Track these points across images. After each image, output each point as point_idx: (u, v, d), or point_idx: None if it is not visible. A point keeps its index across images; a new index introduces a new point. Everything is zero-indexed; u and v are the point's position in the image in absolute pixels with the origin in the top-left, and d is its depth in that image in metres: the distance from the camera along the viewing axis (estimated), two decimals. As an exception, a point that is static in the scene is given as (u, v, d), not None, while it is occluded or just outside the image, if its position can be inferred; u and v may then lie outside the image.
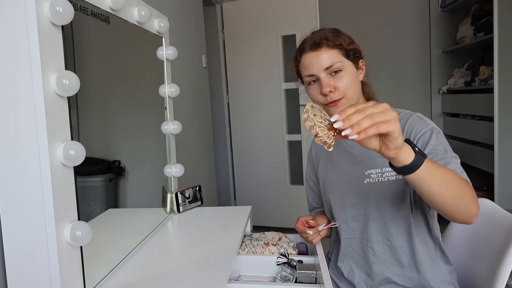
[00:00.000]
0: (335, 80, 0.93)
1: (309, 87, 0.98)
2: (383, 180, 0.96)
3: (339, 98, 0.93)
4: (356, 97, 0.96)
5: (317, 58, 0.94)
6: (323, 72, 0.93)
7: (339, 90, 0.93)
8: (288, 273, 0.96)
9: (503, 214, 0.98)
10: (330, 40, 0.94)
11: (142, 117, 1.24)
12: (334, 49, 0.94)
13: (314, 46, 0.95)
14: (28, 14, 0.63)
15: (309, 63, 0.95)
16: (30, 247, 0.68)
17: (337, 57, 0.94)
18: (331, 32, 0.97)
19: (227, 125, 3.27)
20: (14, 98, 0.66)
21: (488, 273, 0.91)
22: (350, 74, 0.94)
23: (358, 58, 0.98)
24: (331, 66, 0.93)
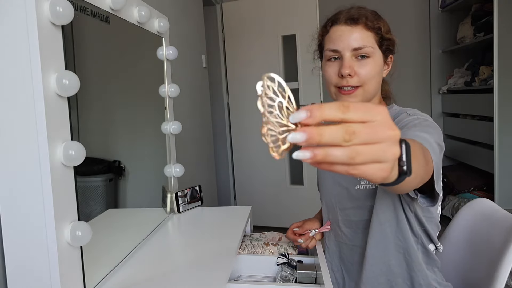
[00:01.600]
0: (359, 64, 0.84)
1: (327, 63, 0.89)
2: (371, 187, 0.90)
3: (357, 86, 0.85)
4: (374, 92, 0.89)
5: (349, 35, 0.84)
6: (349, 52, 0.84)
7: (359, 77, 0.84)
8: (288, 273, 0.96)
9: (503, 214, 0.98)
10: (370, 20, 0.85)
11: (142, 117, 1.24)
12: (370, 32, 0.85)
13: (350, 20, 0.85)
14: (28, 14, 0.63)
15: (338, 37, 0.86)
16: (30, 247, 0.68)
17: (370, 42, 0.85)
18: (372, 13, 0.87)
19: (227, 125, 3.27)
20: (14, 98, 0.66)
21: (488, 273, 0.91)
22: (376, 64, 0.86)
23: (390, 52, 0.90)
24: (361, 48, 0.84)
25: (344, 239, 0.99)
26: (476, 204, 1.07)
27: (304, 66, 2.92)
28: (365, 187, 0.91)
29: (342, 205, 0.97)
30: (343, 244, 0.99)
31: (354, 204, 0.94)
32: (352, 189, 0.93)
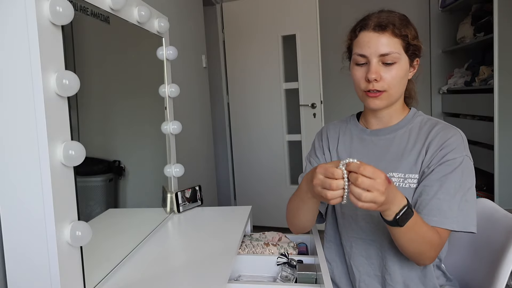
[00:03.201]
0: (385, 70, 0.88)
1: (355, 67, 0.93)
2: (404, 186, 0.91)
3: (382, 91, 0.89)
4: (398, 95, 0.93)
5: (377, 41, 0.88)
6: (377, 58, 0.88)
7: (385, 81, 0.88)
8: (288, 273, 0.96)
9: (503, 214, 0.98)
10: (397, 28, 0.88)
11: (142, 117, 1.24)
12: (397, 38, 0.88)
13: (378, 27, 0.88)
14: (28, 14, 0.63)
15: (366, 43, 0.89)
16: (30, 247, 0.68)
17: (397, 48, 0.88)
18: (400, 18, 0.91)
19: (227, 125, 3.27)
20: (14, 98, 0.66)
21: (488, 273, 0.91)
22: (402, 69, 0.90)
23: (416, 56, 0.93)
24: (388, 54, 0.87)
25: (360, 234, 0.98)
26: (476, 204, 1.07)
27: (304, 66, 2.92)
28: (397, 184, 0.92)
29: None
30: (358, 239, 0.98)
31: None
32: None
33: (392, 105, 0.95)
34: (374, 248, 0.97)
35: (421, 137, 0.93)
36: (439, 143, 0.90)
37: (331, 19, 3.16)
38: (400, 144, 0.95)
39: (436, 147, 0.90)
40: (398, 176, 0.92)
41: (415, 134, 0.95)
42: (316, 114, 2.95)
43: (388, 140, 0.97)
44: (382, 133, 0.98)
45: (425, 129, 0.95)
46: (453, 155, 0.88)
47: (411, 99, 1.04)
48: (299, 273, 0.94)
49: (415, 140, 0.94)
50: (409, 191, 0.91)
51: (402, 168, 0.92)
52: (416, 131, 0.95)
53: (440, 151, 0.89)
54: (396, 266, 0.94)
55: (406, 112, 0.99)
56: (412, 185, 0.91)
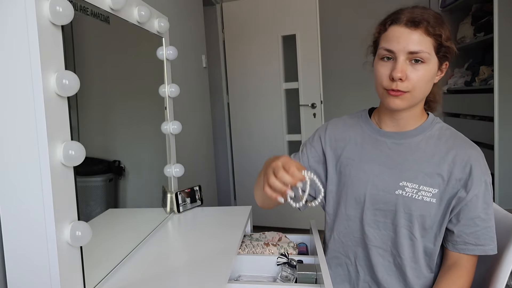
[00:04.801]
0: (411, 69, 0.83)
1: (379, 62, 0.87)
2: (417, 197, 0.88)
3: (405, 91, 0.84)
4: (421, 98, 0.88)
5: (408, 37, 0.82)
6: (404, 55, 0.82)
7: (410, 82, 0.83)
8: (288, 273, 0.96)
9: (503, 214, 0.98)
10: (431, 26, 0.82)
11: (142, 117, 1.24)
12: (429, 37, 0.82)
13: (411, 23, 0.82)
14: (28, 14, 0.63)
15: (396, 37, 0.83)
16: (30, 247, 0.68)
17: (428, 47, 0.82)
18: (435, 17, 0.84)
19: (227, 125, 3.27)
20: (14, 98, 0.66)
21: (488, 273, 0.91)
22: (430, 71, 0.84)
23: (446, 59, 0.87)
24: (417, 52, 0.81)
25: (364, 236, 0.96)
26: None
27: (304, 66, 2.92)
28: (410, 195, 0.89)
29: (374, 205, 0.93)
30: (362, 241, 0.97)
31: (388, 207, 0.92)
32: (391, 192, 0.91)
33: (412, 108, 0.89)
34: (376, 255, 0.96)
35: (441, 149, 0.89)
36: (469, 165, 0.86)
37: (331, 19, 3.16)
38: (417, 152, 0.91)
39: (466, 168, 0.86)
40: (411, 187, 0.89)
41: (433, 144, 0.90)
42: (316, 114, 2.95)
43: (404, 146, 0.92)
44: (398, 137, 0.93)
45: (444, 139, 0.91)
46: (485, 176, 0.86)
47: (435, 103, 0.98)
48: (299, 273, 0.94)
49: (433, 151, 0.90)
50: (421, 203, 0.88)
51: (417, 179, 0.89)
52: (434, 141, 0.91)
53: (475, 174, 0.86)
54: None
55: (424, 118, 0.94)
56: (426, 198, 0.88)
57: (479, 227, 0.86)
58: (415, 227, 0.90)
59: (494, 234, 0.87)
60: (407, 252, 0.92)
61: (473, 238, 0.86)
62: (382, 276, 0.94)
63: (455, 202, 0.87)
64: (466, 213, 0.86)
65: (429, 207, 0.88)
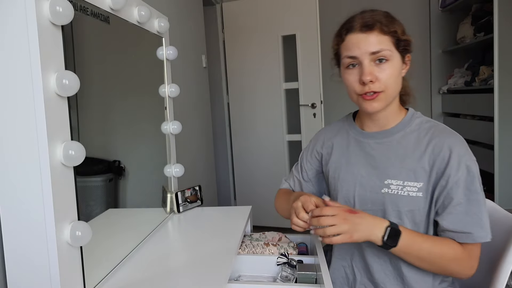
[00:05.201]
0: (378, 69, 0.85)
1: (346, 71, 0.89)
2: (402, 194, 0.89)
3: (379, 91, 0.86)
4: (395, 94, 0.90)
5: (366, 41, 0.85)
6: (368, 57, 0.85)
7: (380, 82, 0.85)
8: (288, 273, 0.96)
9: (503, 214, 0.98)
10: (384, 25, 0.85)
11: (142, 117, 1.24)
12: (386, 36, 0.85)
13: (365, 27, 0.85)
14: (28, 14, 0.63)
15: (354, 44, 0.86)
16: (30, 247, 0.68)
17: (387, 45, 0.85)
18: (385, 16, 0.88)
19: (227, 125, 3.27)
20: (14, 98, 0.66)
21: (488, 273, 0.91)
22: (395, 66, 0.87)
23: (407, 51, 0.90)
24: (379, 52, 0.84)
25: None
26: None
27: (304, 66, 2.92)
28: (396, 192, 0.90)
29: (363, 206, 0.94)
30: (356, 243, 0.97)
31: (376, 206, 0.93)
32: (377, 191, 0.92)
33: (388, 107, 0.92)
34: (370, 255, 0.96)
35: (422, 143, 0.90)
36: (447, 152, 0.86)
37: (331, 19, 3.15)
38: (399, 149, 0.92)
39: (445, 155, 0.87)
40: (396, 184, 0.90)
41: (414, 139, 0.92)
42: (316, 114, 2.96)
43: (385, 144, 0.94)
44: (380, 136, 0.95)
45: (424, 133, 0.91)
46: (466, 161, 0.86)
47: (408, 96, 1.00)
48: (299, 273, 0.94)
49: (414, 145, 0.91)
50: (407, 199, 0.89)
51: (401, 176, 0.90)
52: (415, 136, 0.92)
53: (453, 161, 0.85)
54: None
55: (403, 114, 0.96)
56: (412, 193, 0.88)
57: (463, 215, 0.84)
58: (406, 223, 0.90)
59: (483, 221, 0.84)
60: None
61: (460, 226, 0.84)
62: (379, 276, 0.94)
63: (438, 192, 0.87)
64: (448, 201, 0.86)
65: (416, 202, 0.89)
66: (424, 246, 0.84)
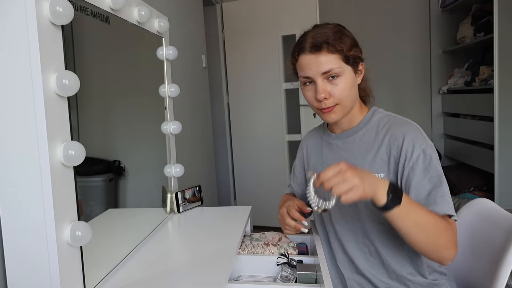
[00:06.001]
0: (331, 86, 0.91)
1: (304, 88, 0.96)
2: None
3: (334, 105, 0.93)
4: (351, 103, 0.95)
5: (316, 62, 0.90)
6: (320, 76, 0.91)
7: (334, 97, 0.92)
8: (288, 273, 0.96)
9: (503, 214, 0.98)
10: (331, 44, 0.90)
11: (142, 117, 1.24)
12: (334, 54, 0.90)
13: (314, 48, 0.91)
14: (28, 14, 0.63)
15: (306, 65, 0.92)
16: (30, 247, 0.68)
17: (336, 63, 0.90)
18: (334, 32, 0.92)
19: (227, 125, 3.27)
20: (14, 98, 0.66)
21: (488, 273, 0.91)
22: (347, 80, 0.92)
23: (358, 63, 0.95)
24: (329, 71, 0.90)
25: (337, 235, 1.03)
26: (476, 204, 1.07)
27: (304, 66, 2.92)
28: None
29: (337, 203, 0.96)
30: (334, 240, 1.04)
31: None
32: None
33: (348, 112, 0.97)
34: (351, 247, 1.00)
35: (379, 136, 0.95)
36: (401, 139, 0.90)
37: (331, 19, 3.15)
38: (361, 145, 0.98)
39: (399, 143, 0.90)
40: None
41: (374, 134, 0.97)
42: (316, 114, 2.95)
43: (350, 143, 1.00)
44: (344, 136, 1.02)
45: (381, 126, 0.97)
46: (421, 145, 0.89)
47: (368, 97, 1.06)
48: (299, 273, 0.94)
49: (373, 139, 0.96)
50: None
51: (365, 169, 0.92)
52: (374, 130, 0.97)
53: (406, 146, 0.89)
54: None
55: (364, 112, 1.01)
56: None
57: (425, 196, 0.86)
58: (375, 213, 0.92)
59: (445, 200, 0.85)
60: (377, 236, 0.95)
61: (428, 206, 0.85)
62: (363, 267, 0.98)
63: (399, 178, 0.90)
64: (409, 185, 0.88)
65: None
66: (422, 210, 0.82)
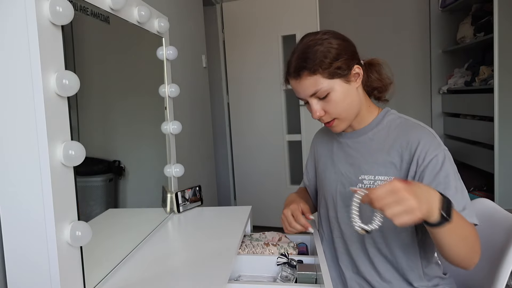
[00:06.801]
0: (324, 103, 0.90)
1: (305, 105, 0.96)
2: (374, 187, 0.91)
3: (332, 120, 0.93)
4: (352, 113, 0.93)
5: (300, 86, 0.90)
6: (310, 98, 0.91)
7: (330, 113, 0.91)
8: (288, 273, 0.96)
9: (503, 214, 0.98)
10: (309, 68, 0.87)
11: (142, 117, 1.24)
12: (315, 75, 0.87)
13: (295, 73, 0.90)
14: (28, 14, 0.63)
15: (294, 89, 0.93)
16: (30, 247, 0.68)
17: (320, 82, 0.87)
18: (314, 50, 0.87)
19: (227, 125, 3.27)
20: (14, 98, 0.66)
21: (488, 273, 0.91)
22: (339, 93, 0.89)
23: (348, 70, 0.89)
24: (315, 93, 0.89)
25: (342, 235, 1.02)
26: (476, 204, 1.07)
27: (304, 66, 2.92)
28: (368, 186, 0.93)
29: (345, 203, 0.99)
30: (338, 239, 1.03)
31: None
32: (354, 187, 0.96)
33: (354, 119, 0.96)
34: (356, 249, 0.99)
35: (390, 138, 0.94)
36: (415, 144, 0.88)
37: (331, 19, 3.16)
38: (371, 146, 0.96)
39: (412, 147, 0.88)
40: (368, 179, 0.94)
41: (384, 135, 0.95)
42: (316, 114, 2.95)
43: (360, 143, 0.99)
44: (355, 135, 1.01)
45: (393, 128, 0.95)
46: (434, 152, 0.86)
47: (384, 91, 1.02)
48: (299, 273, 0.94)
49: (384, 141, 0.95)
50: None
51: (372, 171, 0.93)
52: (385, 131, 0.96)
53: (419, 151, 0.87)
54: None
55: (376, 113, 0.99)
56: None
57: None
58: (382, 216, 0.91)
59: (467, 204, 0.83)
60: (384, 241, 0.95)
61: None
62: (365, 269, 0.98)
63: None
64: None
65: None
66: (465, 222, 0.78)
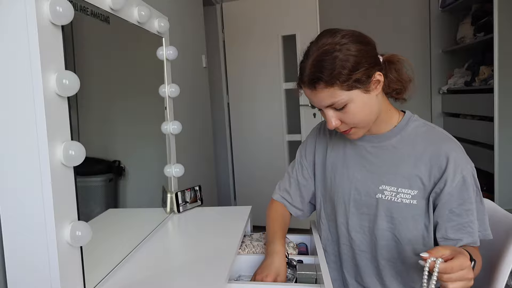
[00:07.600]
0: (340, 114, 0.83)
1: (319, 111, 0.89)
2: (396, 200, 0.88)
3: (349, 128, 0.86)
4: (370, 120, 0.87)
5: (316, 97, 0.83)
6: (326, 108, 0.84)
7: (347, 122, 0.85)
8: (289, 273, 0.96)
9: (503, 214, 0.98)
10: (325, 80, 0.79)
11: (142, 117, 1.24)
12: (332, 88, 0.79)
13: (310, 84, 0.82)
14: (28, 14, 0.63)
15: (309, 97, 0.86)
16: (30, 247, 0.68)
17: (337, 95, 0.80)
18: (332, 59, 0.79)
19: (227, 125, 3.27)
20: (14, 98, 0.66)
21: (488, 273, 0.91)
22: (357, 103, 0.82)
23: (368, 79, 0.81)
24: (332, 104, 0.82)
25: (350, 242, 0.98)
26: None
27: (304, 66, 2.92)
28: (389, 198, 0.89)
29: (359, 210, 0.95)
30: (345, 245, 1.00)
31: (369, 210, 0.93)
32: (371, 196, 0.92)
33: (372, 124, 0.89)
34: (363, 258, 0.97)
35: (417, 149, 0.88)
36: (444, 160, 0.84)
37: (331, 19, 3.16)
38: (394, 154, 0.90)
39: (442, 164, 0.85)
40: (390, 190, 0.89)
41: (409, 145, 0.90)
42: (316, 114, 2.95)
43: (382, 148, 0.92)
44: (376, 140, 0.93)
45: (420, 138, 0.89)
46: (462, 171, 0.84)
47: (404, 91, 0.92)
48: (299, 273, 0.94)
49: (409, 151, 0.89)
50: (401, 206, 0.88)
51: (395, 182, 0.89)
52: (410, 141, 0.90)
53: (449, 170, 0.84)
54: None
55: (397, 117, 0.93)
56: (405, 200, 0.87)
57: (455, 222, 0.84)
58: (399, 230, 0.89)
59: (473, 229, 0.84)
60: (392, 254, 0.92)
61: (452, 233, 0.84)
62: (370, 280, 0.96)
63: (432, 200, 0.86)
64: (441, 209, 0.85)
65: (410, 209, 0.88)
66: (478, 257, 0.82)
